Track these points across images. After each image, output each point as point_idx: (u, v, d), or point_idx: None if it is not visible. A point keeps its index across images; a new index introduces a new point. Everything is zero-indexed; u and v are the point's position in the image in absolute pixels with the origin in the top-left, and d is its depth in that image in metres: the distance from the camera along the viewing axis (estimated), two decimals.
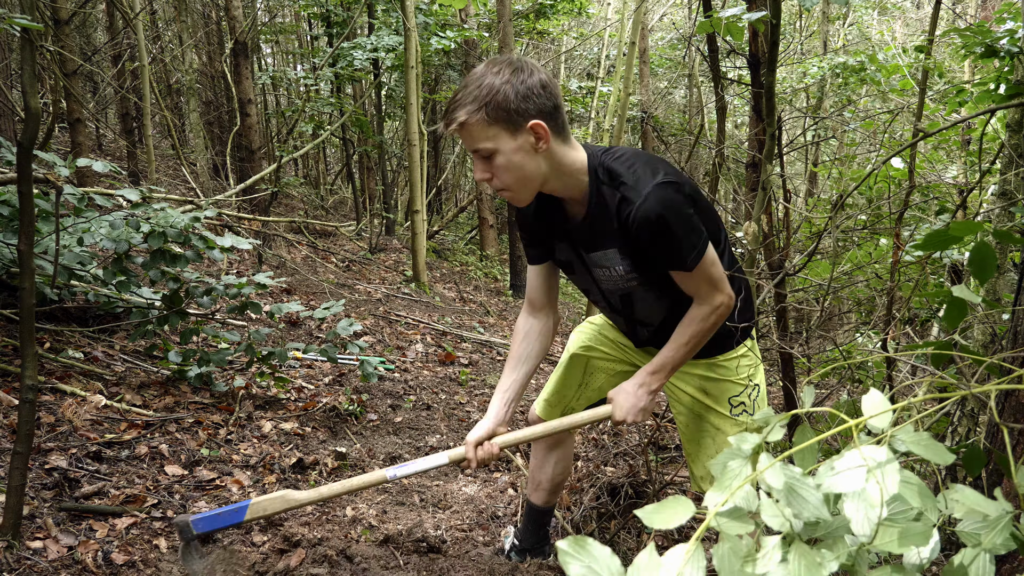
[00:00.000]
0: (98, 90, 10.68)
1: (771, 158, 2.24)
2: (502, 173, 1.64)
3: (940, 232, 1.27)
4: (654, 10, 13.17)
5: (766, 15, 2.12)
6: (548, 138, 1.62)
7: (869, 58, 7.30)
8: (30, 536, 2.04)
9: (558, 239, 1.86)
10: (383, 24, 8.50)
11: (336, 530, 2.44)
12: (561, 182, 1.71)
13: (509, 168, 1.62)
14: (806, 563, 0.67)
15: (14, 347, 3.08)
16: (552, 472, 2.28)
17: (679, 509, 0.71)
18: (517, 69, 1.59)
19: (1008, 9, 3.45)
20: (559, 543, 0.69)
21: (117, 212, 3.15)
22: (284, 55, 13.49)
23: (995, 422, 1.54)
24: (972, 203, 4.21)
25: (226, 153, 8.58)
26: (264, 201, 6.93)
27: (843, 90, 9.05)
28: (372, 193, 10.55)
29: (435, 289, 7.47)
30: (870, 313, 4.64)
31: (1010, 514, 0.81)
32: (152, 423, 2.86)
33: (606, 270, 1.81)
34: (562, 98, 1.66)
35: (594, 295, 1.96)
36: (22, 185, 1.88)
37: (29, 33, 1.84)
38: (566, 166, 1.68)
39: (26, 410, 1.92)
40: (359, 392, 3.83)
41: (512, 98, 1.56)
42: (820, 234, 2.70)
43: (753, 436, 0.82)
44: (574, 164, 1.69)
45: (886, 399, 0.86)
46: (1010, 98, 2.82)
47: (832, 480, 0.73)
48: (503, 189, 1.68)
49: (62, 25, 4.90)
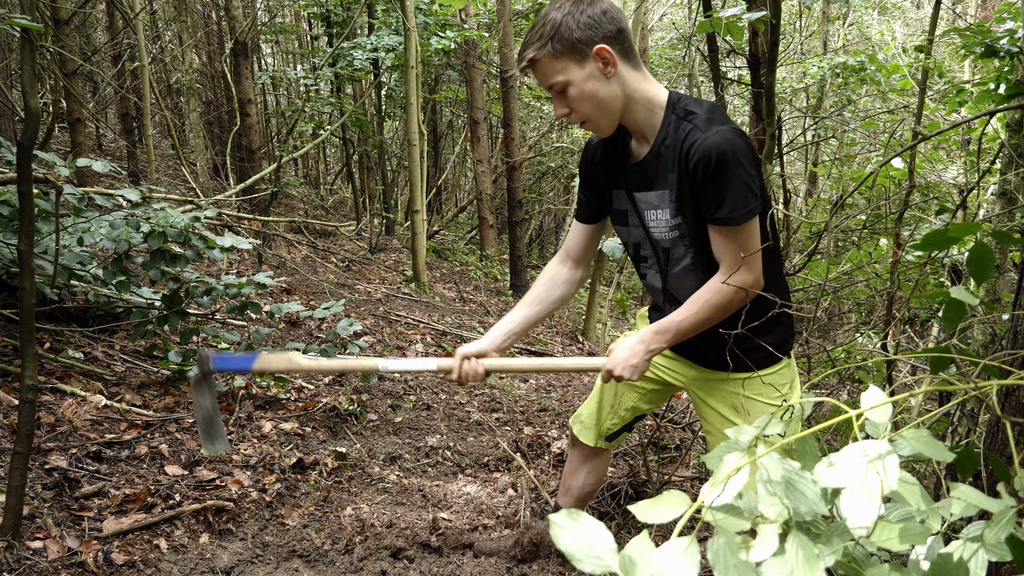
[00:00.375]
0: (98, 90, 10.68)
1: (771, 158, 2.24)
2: (578, 104, 1.65)
3: (939, 232, 1.27)
4: (654, 10, 13.17)
5: (766, 15, 2.12)
6: (615, 62, 1.63)
7: (869, 58, 7.30)
8: (30, 536, 2.04)
9: (617, 185, 1.84)
10: (383, 24, 8.50)
11: (336, 533, 2.44)
12: (637, 112, 1.70)
13: (584, 97, 1.64)
14: (804, 554, 0.67)
15: (14, 347, 3.08)
16: (584, 481, 2.26)
17: (674, 504, 0.71)
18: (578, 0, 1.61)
19: (1008, 9, 3.45)
20: (552, 516, 0.69)
21: (117, 212, 3.16)
22: (284, 55, 13.49)
23: (995, 421, 1.54)
24: (972, 203, 4.20)
25: (226, 153, 8.59)
26: (264, 201, 6.93)
27: (843, 90, 9.05)
28: (372, 193, 10.55)
29: (435, 289, 7.47)
30: (870, 313, 4.64)
31: (1013, 509, 0.81)
32: (152, 423, 2.86)
33: (655, 211, 1.76)
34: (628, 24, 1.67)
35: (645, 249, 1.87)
36: (22, 185, 1.88)
37: (29, 33, 1.84)
38: (640, 94, 1.68)
39: (26, 410, 1.92)
40: (359, 392, 3.83)
41: (575, 27, 1.59)
42: (820, 234, 2.70)
43: (751, 428, 0.82)
44: (649, 95, 1.69)
45: (886, 396, 0.86)
46: (1010, 98, 2.82)
47: (831, 472, 0.73)
48: (584, 120, 1.69)
49: (62, 25, 4.90)
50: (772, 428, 0.85)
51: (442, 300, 7.04)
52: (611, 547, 0.66)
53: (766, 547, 0.70)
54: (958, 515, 0.85)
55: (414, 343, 5.12)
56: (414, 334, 5.37)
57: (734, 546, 0.69)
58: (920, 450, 0.82)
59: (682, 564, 0.65)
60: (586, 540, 0.66)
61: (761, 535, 0.71)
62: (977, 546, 0.79)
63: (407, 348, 4.97)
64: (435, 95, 10.78)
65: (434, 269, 8.54)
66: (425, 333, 5.47)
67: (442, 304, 6.82)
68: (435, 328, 5.63)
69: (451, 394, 4.23)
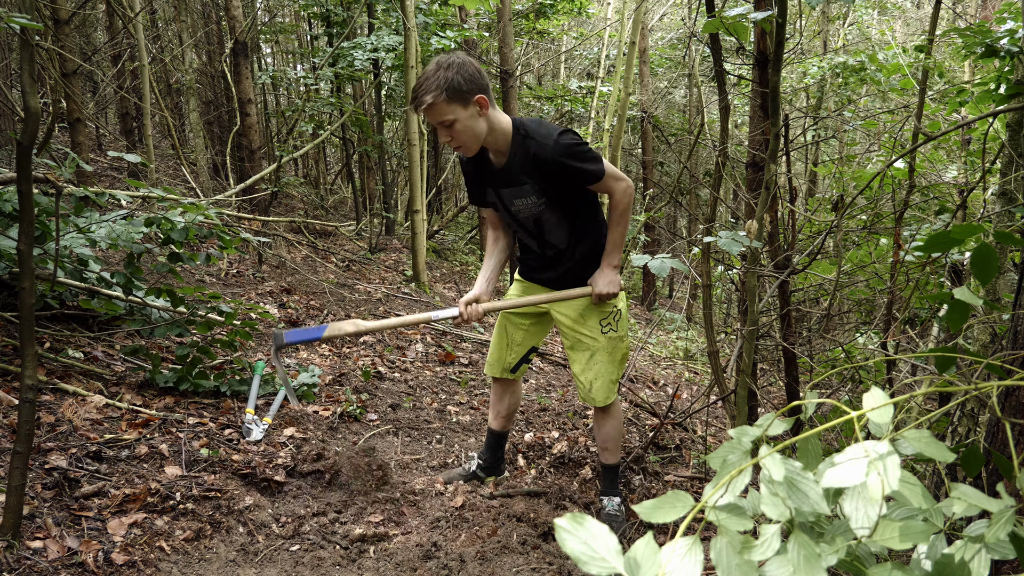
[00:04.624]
0: (98, 90, 10.68)
1: (775, 158, 2.24)
2: (459, 135, 2.36)
3: (941, 234, 1.26)
4: (654, 10, 13.17)
5: (772, 14, 2.11)
6: (487, 106, 2.36)
7: (869, 58, 7.30)
8: (30, 536, 2.04)
9: (486, 184, 2.61)
10: (383, 24, 8.49)
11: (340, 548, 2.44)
12: (494, 137, 2.43)
13: (465, 131, 2.35)
14: (805, 554, 0.67)
15: (14, 347, 3.08)
16: (507, 403, 2.99)
17: (677, 504, 0.70)
18: (459, 63, 2.29)
19: (1008, 9, 3.44)
20: (557, 520, 0.69)
21: (117, 212, 3.15)
22: (284, 55, 13.48)
23: (995, 422, 1.54)
24: (972, 203, 4.20)
25: (226, 153, 8.58)
26: (264, 201, 6.92)
27: (843, 90, 9.04)
28: (372, 193, 10.54)
29: (435, 289, 7.46)
30: (870, 313, 4.64)
31: (1012, 508, 0.81)
32: (152, 423, 2.85)
33: (522, 200, 2.52)
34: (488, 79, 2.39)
35: (514, 226, 2.68)
36: (22, 185, 1.88)
37: (27, 33, 1.84)
38: (497, 125, 2.42)
39: (26, 410, 1.92)
40: (359, 392, 3.82)
41: (463, 82, 2.28)
42: (824, 234, 2.70)
43: (753, 429, 0.82)
44: (503, 124, 2.44)
45: (887, 397, 0.85)
46: (1010, 98, 2.82)
47: (832, 473, 0.72)
48: (460, 146, 2.40)
49: (62, 25, 4.90)
50: (774, 429, 0.85)
51: (442, 300, 7.04)
52: (615, 549, 0.66)
53: (768, 547, 0.69)
54: (960, 515, 0.85)
55: (414, 342, 5.12)
56: (414, 333, 5.36)
57: (737, 546, 0.69)
58: (921, 450, 0.82)
59: (685, 564, 0.65)
60: (591, 543, 0.66)
61: (763, 535, 0.71)
62: (979, 546, 0.79)
63: (407, 347, 4.97)
64: None
65: (434, 269, 8.54)
66: (425, 333, 5.47)
67: (442, 304, 6.82)
68: (435, 328, 5.63)
69: (451, 394, 4.23)
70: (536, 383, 4.85)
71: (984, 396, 1.76)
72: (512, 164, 2.47)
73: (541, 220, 2.57)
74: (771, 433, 0.86)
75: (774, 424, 0.88)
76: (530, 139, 2.40)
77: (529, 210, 2.54)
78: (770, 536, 0.70)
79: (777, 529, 0.72)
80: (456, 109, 2.29)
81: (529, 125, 2.43)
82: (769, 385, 4.34)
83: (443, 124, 2.32)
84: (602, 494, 2.90)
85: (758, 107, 3.18)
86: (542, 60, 14.46)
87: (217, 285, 5.39)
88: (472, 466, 3.04)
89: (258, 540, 2.34)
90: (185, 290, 3.26)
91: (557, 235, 2.61)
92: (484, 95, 2.33)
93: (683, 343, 7.64)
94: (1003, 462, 1.13)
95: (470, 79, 2.29)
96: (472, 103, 2.32)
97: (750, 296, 2.45)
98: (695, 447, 3.78)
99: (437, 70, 2.27)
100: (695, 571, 0.65)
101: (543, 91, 12.06)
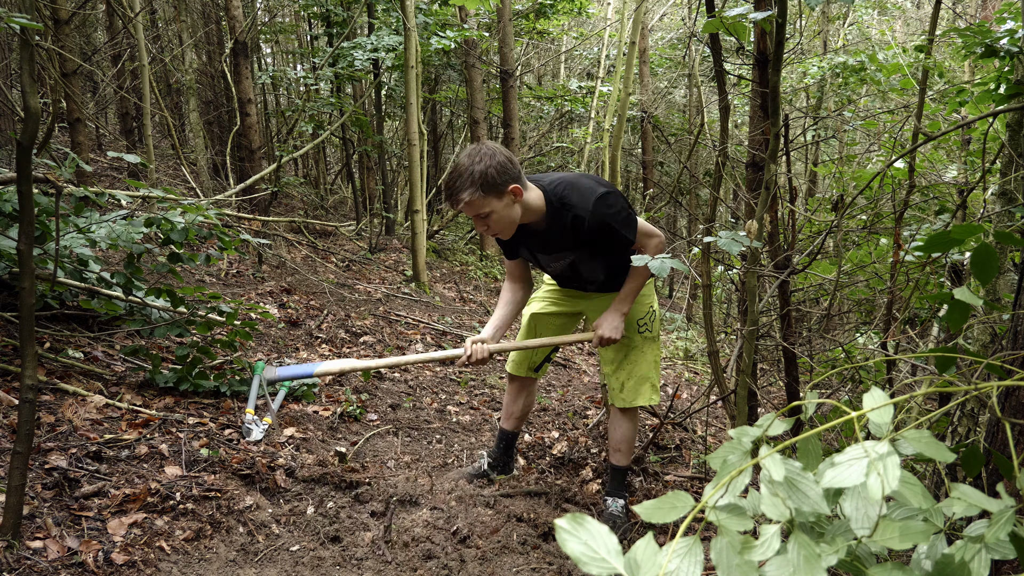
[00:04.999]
0: (98, 90, 10.68)
1: (775, 158, 2.24)
2: (495, 224, 2.40)
3: (941, 234, 1.26)
4: (654, 10, 13.16)
5: (772, 14, 2.11)
6: (521, 193, 2.37)
7: (869, 57, 7.29)
8: (30, 536, 2.04)
9: (522, 246, 2.65)
10: (383, 24, 8.49)
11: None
12: (528, 215, 2.46)
13: (501, 220, 2.39)
14: (805, 555, 0.67)
15: (14, 347, 3.08)
16: (523, 404, 3.02)
17: (677, 504, 0.70)
18: (490, 154, 2.30)
19: (1008, 9, 3.44)
20: (558, 521, 0.69)
21: (118, 211, 3.15)
22: (284, 55, 13.48)
23: (995, 422, 1.54)
24: (972, 203, 4.20)
25: (226, 153, 8.58)
26: (264, 201, 6.92)
27: (843, 90, 9.04)
28: (372, 193, 10.54)
29: (435, 289, 7.46)
30: (870, 313, 4.64)
31: (1012, 508, 0.81)
32: (152, 423, 2.85)
33: (558, 263, 2.63)
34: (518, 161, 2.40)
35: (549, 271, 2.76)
36: (22, 185, 1.88)
37: (27, 33, 1.84)
38: (531, 204, 2.43)
39: (26, 410, 1.92)
40: (359, 392, 3.83)
41: (496, 175, 2.29)
42: (824, 234, 2.70)
43: (753, 430, 0.82)
44: (535, 202, 2.44)
45: (888, 397, 0.85)
46: (1010, 98, 2.81)
47: (833, 473, 0.72)
48: (497, 234, 2.45)
49: (62, 25, 4.90)
50: (774, 430, 0.85)
51: (442, 300, 7.04)
52: (616, 549, 0.66)
53: (768, 547, 0.69)
54: (960, 515, 0.85)
55: (414, 343, 5.12)
56: (414, 334, 5.36)
57: (737, 546, 0.69)
58: (921, 450, 0.82)
59: (685, 564, 0.65)
60: (591, 543, 0.66)
61: (763, 535, 0.71)
62: (979, 546, 0.79)
63: (407, 348, 4.97)
64: (435, 95, 10.77)
65: (434, 269, 8.54)
66: (425, 333, 5.47)
67: (442, 304, 6.82)
68: (435, 328, 5.63)
69: (451, 394, 4.23)
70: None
71: (984, 396, 1.76)
72: (550, 234, 2.50)
73: (576, 265, 2.63)
74: (771, 433, 0.86)
75: (774, 424, 0.89)
76: (566, 210, 2.41)
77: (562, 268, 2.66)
78: (770, 536, 0.70)
79: (777, 529, 0.72)
80: (491, 202, 2.31)
81: (564, 193, 2.42)
82: (769, 385, 4.34)
83: (479, 216, 2.36)
84: (607, 494, 2.89)
85: (758, 107, 3.18)
86: (542, 60, 14.45)
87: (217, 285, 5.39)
88: (483, 464, 3.03)
89: (258, 540, 2.34)
90: (185, 290, 3.26)
91: (593, 272, 2.67)
92: (518, 183, 2.34)
93: (683, 343, 7.64)
94: (1003, 462, 1.13)
95: (503, 171, 2.29)
96: (507, 193, 2.33)
97: (750, 296, 2.45)
98: (695, 447, 3.78)
99: (471, 165, 2.28)
100: (695, 571, 0.65)
101: (543, 91, 12.06)
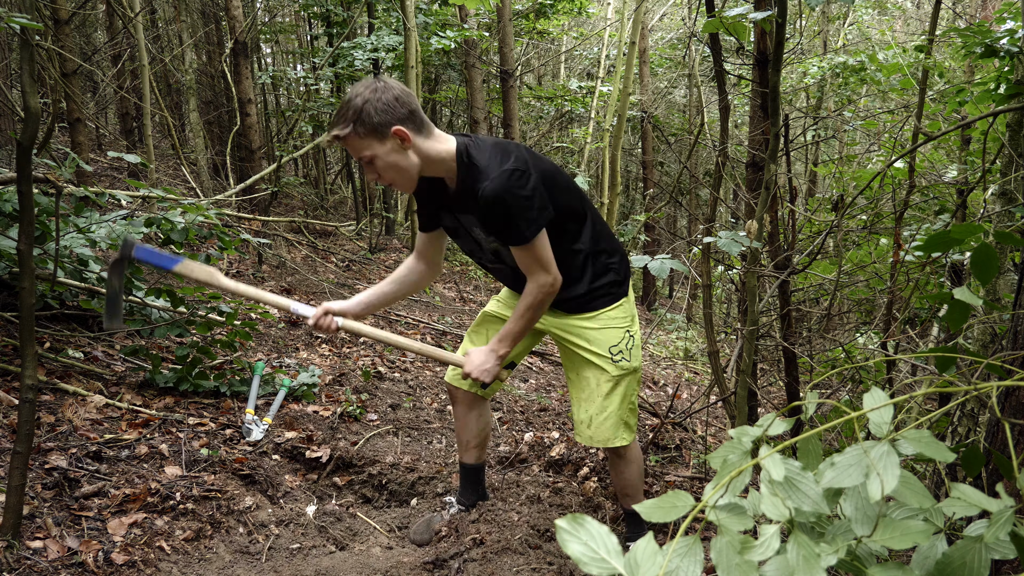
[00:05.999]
0: (98, 90, 10.68)
1: (775, 158, 2.24)
2: (384, 172, 2.00)
3: (941, 234, 1.26)
4: (654, 10, 13.17)
5: (772, 14, 2.11)
6: (410, 138, 1.97)
7: (869, 58, 7.29)
8: (30, 536, 2.04)
9: (442, 209, 2.20)
10: (383, 24, 8.49)
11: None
12: (433, 168, 2.05)
13: (388, 167, 1.99)
14: (805, 555, 0.67)
15: (14, 347, 3.08)
16: (476, 428, 2.53)
17: (677, 504, 0.70)
18: (375, 89, 1.94)
19: (1008, 9, 3.44)
20: (558, 521, 0.70)
21: (118, 211, 3.16)
22: (284, 55, 13.48)
23: (995, 422, 1.54)
24: (972, 203, 4.20)
25: (226, 153, 8.58)
26: (264, 201, 6.92)
27: (843, 90, 9.04)
28: (372, 193, 10.54)
29: (435, 289, 7.46)
30: (870, 313, 4.64)
31: (1012, 508, 0.81)
32: (152, 423, 2.85)
33: (476, 228, 2.14)
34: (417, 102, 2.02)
35: (478, 255, 2.28)
36: (22, 185, 1.88)
37: (27, 33, 1.84)
38: (435, 154, 2.03)
39: (26, 410, 1.92)
40: (359, 392, 3.82)
41: (374, 113, 1.92)
42: (824, 234, 2.70)
43: (753, 430, 0.82)
44: (440, 154, 2.04)
45: (887, 397, 0.86)
46: (1010, 98, 2.82)
47: (832, 473, 0.72)
48: (389, 183, 2.05)
49: (62, 25, 4.90)
50: (775, 429, 0.85)
51: (442, 300, 7.04)
52: (616, 549, 0.66)
53: (768, 547, 0.69)
54: (960, 515, 0.85)
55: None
56: (414, 334, 5.36)
57: (737, 546, 0.69)
58: (921, 450, 0.82)
59: (685, 564, 0.65)
60: (591, 544, 0.66)
61: (763, 535, 0.71)
62: (979, 546, 0.79)
63: None
64: (435, 95, 10.77)
65: None
66: (425, 333, 5.47)
67: (442, 304, 6.82)
68: (435, 328, 5.63)
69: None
70: (536, 383, 4.85)
71: (984, 396, 1.76)
72: (461, 193, 2.09)
73: (501, 254, 2.19)
74: (771, 433, 0.86)
75: (774, 424, 0.89)
76: (472, 172, 2.01)
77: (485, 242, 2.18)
78: (770, 536, 0.70)
79: (777, 529, 0.72)
80: (372, 144, 1.95)
81: (475, 153, 2.02)
82: (769, 385, 4.34)
83: (362, 160, 1.99)
84: (627, 539, 2.49)
85: (758, 107, 3.18)
86: (542, 60, 14.45)
87: None
88: (453, 511, 2.60)
89: (258, 540, 2.34)
90: (185, 290, 3.26)
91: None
92: (403, 126, 1.95)
93: (683, 343, 7.64)
94: (1003, 462, 1.13)
95: (386, 109, 1.92)
96: (391, 136, 1.95)
97: (750, 296, 2.45)
98: (695, 447, 3.78)
99: (352, 98, 1.94)
100: (695, 571, 0.65)
101: (543, 91, 12.06)
